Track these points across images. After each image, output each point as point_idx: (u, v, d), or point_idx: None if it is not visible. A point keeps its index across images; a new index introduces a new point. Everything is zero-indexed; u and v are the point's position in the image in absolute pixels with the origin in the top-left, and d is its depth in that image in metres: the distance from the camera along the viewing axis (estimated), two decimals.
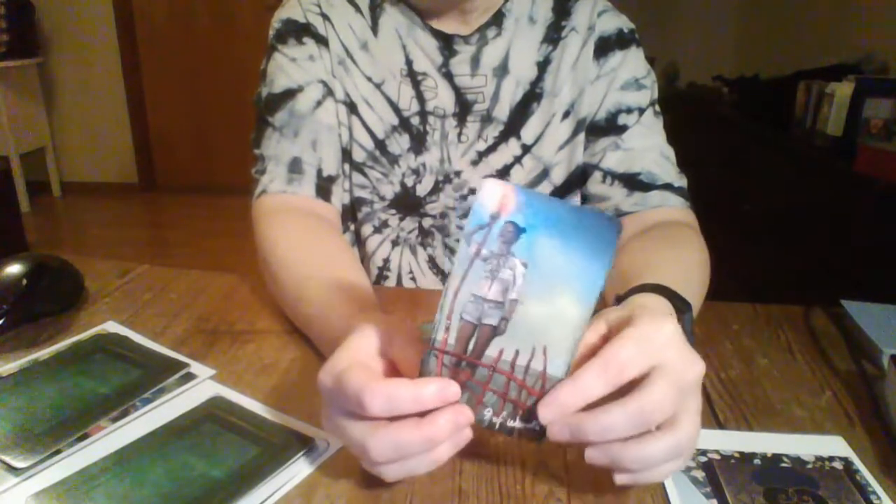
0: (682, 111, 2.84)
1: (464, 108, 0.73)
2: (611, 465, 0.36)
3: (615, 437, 0.35)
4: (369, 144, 0.75)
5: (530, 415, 0.36)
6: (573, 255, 0.34)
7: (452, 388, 0.35)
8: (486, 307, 0.35)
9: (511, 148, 0.75)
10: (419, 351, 0.37)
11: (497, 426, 0.37)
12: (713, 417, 0.50)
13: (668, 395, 0.35)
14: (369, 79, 0.73)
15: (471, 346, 0.36)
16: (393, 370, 0.40)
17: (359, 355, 0.39)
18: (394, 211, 0.77)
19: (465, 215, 0.77)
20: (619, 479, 0.37)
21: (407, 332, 0.40)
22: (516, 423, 0.37)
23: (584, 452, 0.37)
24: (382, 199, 0.77)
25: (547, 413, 0.36)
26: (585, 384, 0.36)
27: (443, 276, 0.80)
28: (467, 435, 0.37)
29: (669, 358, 0.36)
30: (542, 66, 0.74)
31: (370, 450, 0.36)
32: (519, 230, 0.34)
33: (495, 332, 0.35)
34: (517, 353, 0.36)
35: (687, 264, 0.60)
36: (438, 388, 0.35)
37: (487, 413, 0.36)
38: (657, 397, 0.35)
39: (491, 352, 0.36)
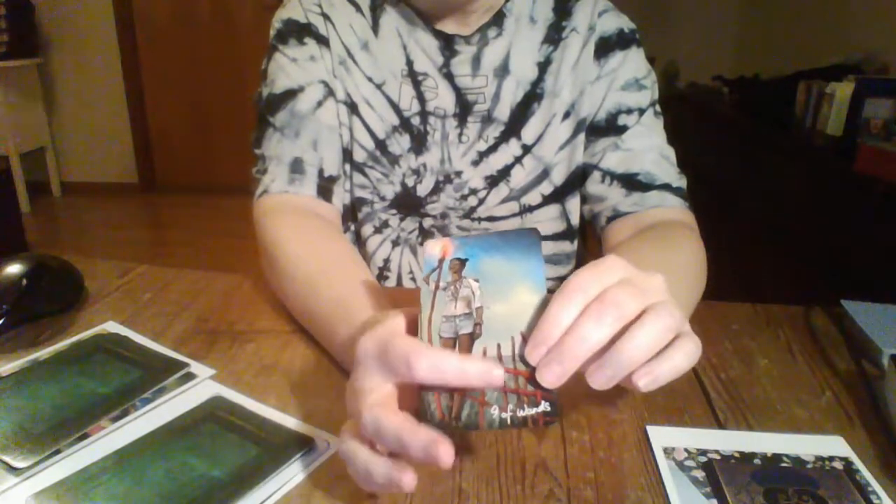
0: (682, 111, 2.84)
1: (464, 108, 0.74)
2: (614, 373, 0.36)
3: (596, 341, 0.35)
4: (370, 144, 0.75)
5: (536, 398, 0.37)
6: (512, 260, 0.40)
7: (496, 371, 0.35)
8: (458, 321, 0.39)
9: (511, 148, 0.75)
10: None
11: (509, 421, 0.37)
12: (713, 417, 0.50)
13: (625, 289, 0.36)
14: (370, 79, 0.73)
15: None
16: (405, 395, 0.39)
17: (400, 328, 0.39)
18: (394, 211, 0.77)
19: (465, 215, 0.77)
20: (643, 382, 0.36)
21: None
22: (526, 412, 0.37)
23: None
24: (383, 199, 0.77)
25: (535, 353, 0.36)
26: (550, 312, 0.36)
27: None
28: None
29: (625, 274, 0.38)
30: (543, 66, 0.74)
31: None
32: (463, 261, 0.40)
33: (473, 337, 0.38)
34: (499, 346, 0.38)
35: (678, 267, 0.58)
36: (484, 367, 0.35)
37: (494, 411, 0.37)
38: (614, 290, 0.36)
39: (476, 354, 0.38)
